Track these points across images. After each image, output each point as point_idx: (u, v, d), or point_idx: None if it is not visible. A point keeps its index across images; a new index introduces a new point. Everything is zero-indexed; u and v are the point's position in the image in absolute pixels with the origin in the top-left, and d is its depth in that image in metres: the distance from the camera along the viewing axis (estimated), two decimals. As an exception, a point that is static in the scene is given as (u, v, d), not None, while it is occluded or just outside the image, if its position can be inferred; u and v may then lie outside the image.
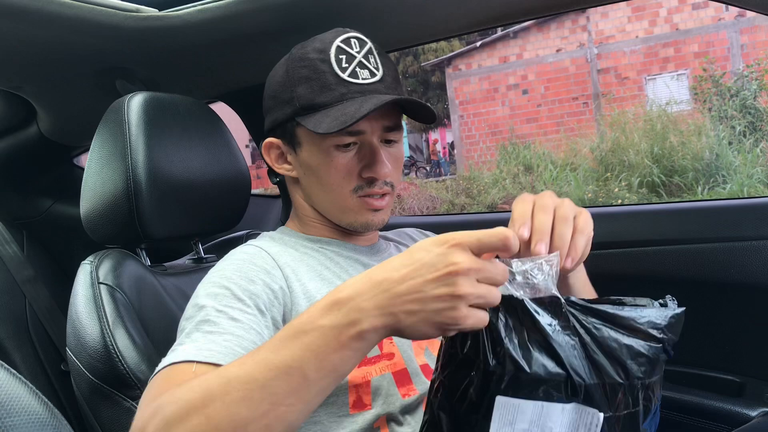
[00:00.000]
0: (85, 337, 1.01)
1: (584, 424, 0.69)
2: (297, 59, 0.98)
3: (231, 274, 0.91)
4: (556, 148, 9.28)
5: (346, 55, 0.97)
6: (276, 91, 1.01)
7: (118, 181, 1.09)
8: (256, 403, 0.63)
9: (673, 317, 0.73)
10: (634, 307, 0.72)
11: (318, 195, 1.02)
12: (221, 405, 0.64)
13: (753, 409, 1.26)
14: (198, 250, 1.32)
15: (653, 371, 0.71)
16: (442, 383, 0.75)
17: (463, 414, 0.72)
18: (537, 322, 0.69)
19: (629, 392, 0.70)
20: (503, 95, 11.36)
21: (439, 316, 0.63)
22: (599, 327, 0.69)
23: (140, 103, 1.13)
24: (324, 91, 0.95)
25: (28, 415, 0.51)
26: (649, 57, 9.98)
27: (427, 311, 0.64)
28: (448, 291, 0.63)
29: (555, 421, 0.69)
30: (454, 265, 0.63)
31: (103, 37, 1.24)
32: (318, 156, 0.98)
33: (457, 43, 12.92)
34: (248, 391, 0.64)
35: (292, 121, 0.99)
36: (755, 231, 1.28)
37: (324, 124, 0.93)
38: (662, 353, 0.72)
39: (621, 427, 0.70)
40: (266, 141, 1.05)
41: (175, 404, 0.66)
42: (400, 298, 0.64)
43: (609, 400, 0.69)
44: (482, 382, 0.70)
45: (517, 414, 0.69)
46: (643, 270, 1.41)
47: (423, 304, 0.63)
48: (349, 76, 0.96)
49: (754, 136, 7.39)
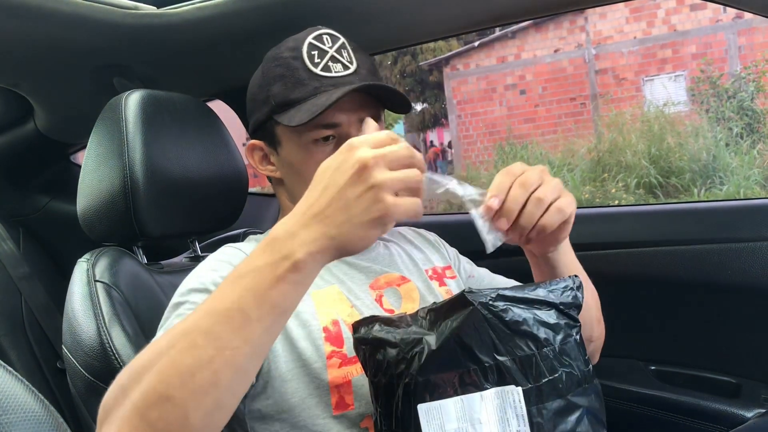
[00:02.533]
0: (81, 334, 1.01)
1: (509, 405, 0.72)
2: (271, 59, 1.00)
3: (206, 272, 0.92)
4: (554, 149, 9.29)
5: (318, 51, 0.97)
6: (254, 93, 1.03)
7: (115, 178, 1.09)
8: (200, 349, 0.63)
9: (565, 285, 0.78)
10: (534, 286, 0.77)
11: (302, 193, 1.01)
12: (167, 358, 0.64)
13: (749, 410, 1.26)
14: (195, 249, 1.31)
15: (557, 335, 0.75)
16: (381, 414, 0.79)
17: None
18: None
19: (543, 360, 0.73)
20: (501, 95, 11.35)
21: (368, 214, 0.65)
22: (506, 309, 0.73)
23: (138, 100, 1.12)
24: (297, 86, 0.96)
25: (24, 413, 0.51)
26: (647, 58, 9.98)
27: (355, 213, 0.65)
28: (365, 186, 0.64)
29: (479, 411, 0.71)
30: (359, 161, 0.65)
31: (100, 35, 1.24)
32: (297, 153, 0.99)
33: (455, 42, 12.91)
34: (192, 340, 0.64)
35: (270, 120, 0.99)
36: (752, 232, 1.29)
37: (296, 118, 0.94)
38: (563, 318, 0.77)
39: (545, 396, 0.73)
40: (249, 143, 1.05)
41: (129, 369, 0.67)
42: (324, 213, 0.66)
43: (525, 373, 0.72)
44: (403, 396, 0.74)
45: (442, 416, 0.72)
46: (639, 271, 1.41)
47: (348, 209, 0.65)
48: (322, 70, 0.96)
49: (751, 138, 7.41)
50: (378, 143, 0.67)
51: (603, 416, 0.79)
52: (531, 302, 0.75)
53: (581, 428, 0.74)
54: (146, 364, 0.65)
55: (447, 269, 1.13)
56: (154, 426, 0.63)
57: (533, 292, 0.76)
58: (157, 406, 0.63)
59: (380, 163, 0.65)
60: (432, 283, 1.07)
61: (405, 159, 0.67)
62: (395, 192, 0.65)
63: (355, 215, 0.65)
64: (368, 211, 0.65)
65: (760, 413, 1.24)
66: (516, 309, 0.74)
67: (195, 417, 0.63)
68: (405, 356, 0.75)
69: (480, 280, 1.17)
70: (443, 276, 1.10)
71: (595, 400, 0.77)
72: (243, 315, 0.64)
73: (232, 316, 0.64)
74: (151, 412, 0.63)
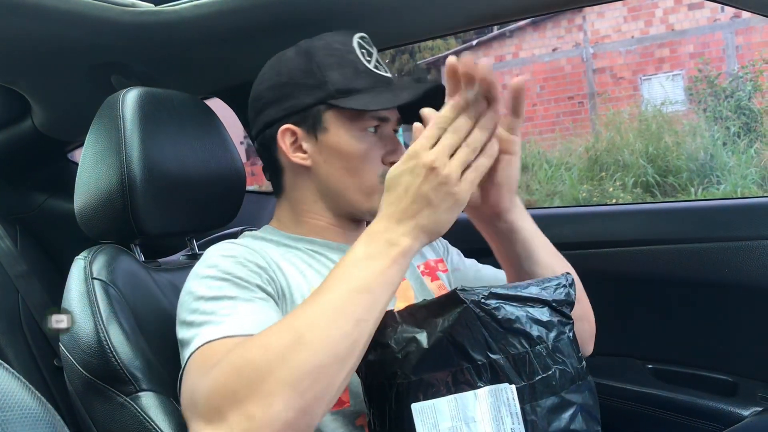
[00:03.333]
0: (79, 332, 1.00)
1: (503, 403, 0.72)
2: (321, 48, 1.01)
3: (229, 266, 0.91)
4: (551, 148, 9.29)
5: (366, 50, 1.03)
6: (296, 77, 1.01)
7: (112, 176, 1.09)
8: (342, 320, 0.73)
9: (558, 283, 0.80)
10: (526, 284, 0.78)
11: (341, 180, 1.02)
12: (316, 331, 0.72)
13: (746, 408, 1.26)
14: (192, 247, 1.31)
15: (550, 332, 0.76)
16: (374, 415, 0.79)
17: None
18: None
19: (536, 358, 0.74)
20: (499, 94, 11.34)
21: (446, 202, 0.77)
22: (498, 306, 0.74)
23: (135, 98, 1.12)
24: (358, 76, 1.00)
25: (21, 410, 0.51)
26: (644, 57, 9.98)
27: (436, 204, 0.77)
28: (437, 181, 0.76)
29: (473, 409, 0.71)
30: (425, 164, 0.76)
31: (98, 32, 1.23)
32: (347, 139, 1.00)
33: (453, 41, 12.90)
34: (335, 313, 0.73)
35: (320, 105, 1.00)
36: (749, 231, 1.29)
37: (373, 103, 0.97)
38: (555, 315, 0.77)
39: (539, 394, 0.73)
40: (284, 127, 1.02)
41: (264, 349, 0.72)
42: (411, 209, 0.77)
43: (518, 371, 0.73)
44: (397, 396, 0.74)
45: (436, 415, 0.72)
46: (636, 269, 1.41)
47: (430, 203, 0.77)
48: (374, 68, 1.02)
49: (748, 137, 7.41)
50: (431, 136, 0.78)
51: (597, 413, 0.79)
52: (523, 300, 0.76)
53: (575, 425, 0.74)
54: (286, 342, 0.71)
55: (439, 262, 1.13)
56: (303, 396, 0.70)
57: (525, 290, 0.76)
58: (310, 376, 0.70)
59: (441, 158, 0.76)
60: (424, 279, 1.07)
61: (456, 139, 0.78)
62: (461, 173, 0.77)
63: (437, 206, 0.77)
64: (445, 200, 0.77)
65: (756, 411, 1.25)
66: (508, 307, 0.74)
67: (339, 384, 0.72)
68: (397, 356, 0.75)
69: (465, 273, 1.16)
70: (436, 269, 1.11)
71: (589, 397, 0.77)
72: (370, 293, 0.74)
73: (361, 292, 0.74)
74: (301, 384, 0.70)
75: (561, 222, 1.60)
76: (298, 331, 0.72)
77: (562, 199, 6.90)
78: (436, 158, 0.77)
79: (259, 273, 0.92)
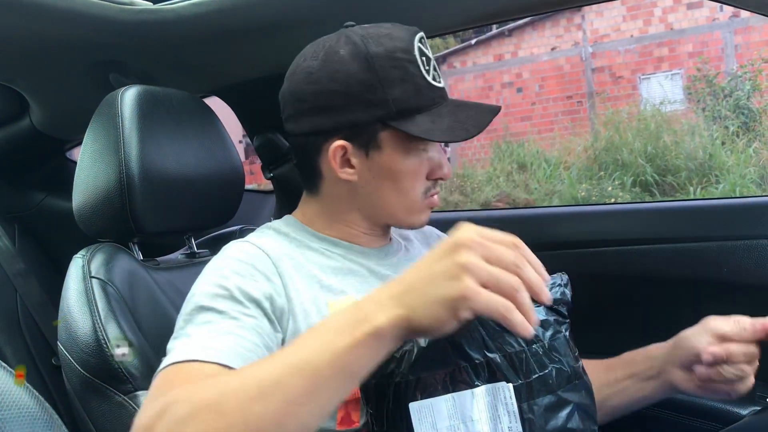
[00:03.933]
0: (77, 331, 1.00)
1: (500, 401, 0.72)
2: (385, 58, 0.91)
3: (230, 274, 0.88)
4: (550, 147, 9.29)
5: (425, 57, 0.94)
6: (354, 89, 0.91)
7: (110, 174, 1.09)
8: (268, 398, 0.63)
9: (554, 282, 0.80)
10: None
11: (387, 199, 0.97)
12: (235, 402, 0.64)
13: (744, 407, 1.26)
14: (191, 245, 1.31)
15: (546, 331, 0.77)
16: (372, 415, 0.79)
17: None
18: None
19: (533, 357, 0.74)
20: (498, 93, 11.34)
21: (443, 290, 0.62)
22: None
23: (134, 96, 1.12)
24: (417, 94, 0.92)
25: (19, 409, 0.51)
26: (643, 56, 9.99)
27: (435, 287, 0.63)
28: (452, 261, 0.63)
29: (471, 408, 0.71)
30: (456, 240, 0.64)
31: (96, 30, 1.23)
32: (402, 159, 0.94)
33: (452, 40, 12.90)
34: (262, 388, 0.64)
35: (378, 123, 0.92)
36: (748, 230, 1.29)
37: (436, 132, 0.91)
38: (552, 314, 0.78)
39: (536, 392, 0.73)
40: (337, 144, 0.93)
41: (188, 402, 0.65)
42: (410, 283, 0.65)
43: (515, 369, 0.73)
44: (394, 395, 0.74)
45: (434, 414, 0.72)
46: (635, 268, 1.41)
47: (430, 282, 0.64)
48: (432, 80, 0.94)
49: (747, 136, 7.41)
50: (488, 236, 0.65)
51: (594, 412, 0.79)
52: None
53: (572, 424, 0.74)
54: (210, 401, 0.65)
55: None
56: None
57: None
58: None
59: (477, 249, 0.63)
60: None
61: (508, 263, 0.63)
62: (483, 283, 0.62)
63: (435, 288, 0.63)
64: (444, 287, 0.62)
65: (755, 410, 1.25)
66: None
67: None
68: (395, 355, 0.75)
69: None
70: None
71: (585, 395, 0.78)
72: (315, 371, 0.64)
73: (304, 369, 0.64)
74: None
75: (560, 221, 1.60)
76: (224, 392, 0.65)
77: (561, 199, 6.90)
78: (471, 242, 0.64)
79: (261, 288, 0.88)
